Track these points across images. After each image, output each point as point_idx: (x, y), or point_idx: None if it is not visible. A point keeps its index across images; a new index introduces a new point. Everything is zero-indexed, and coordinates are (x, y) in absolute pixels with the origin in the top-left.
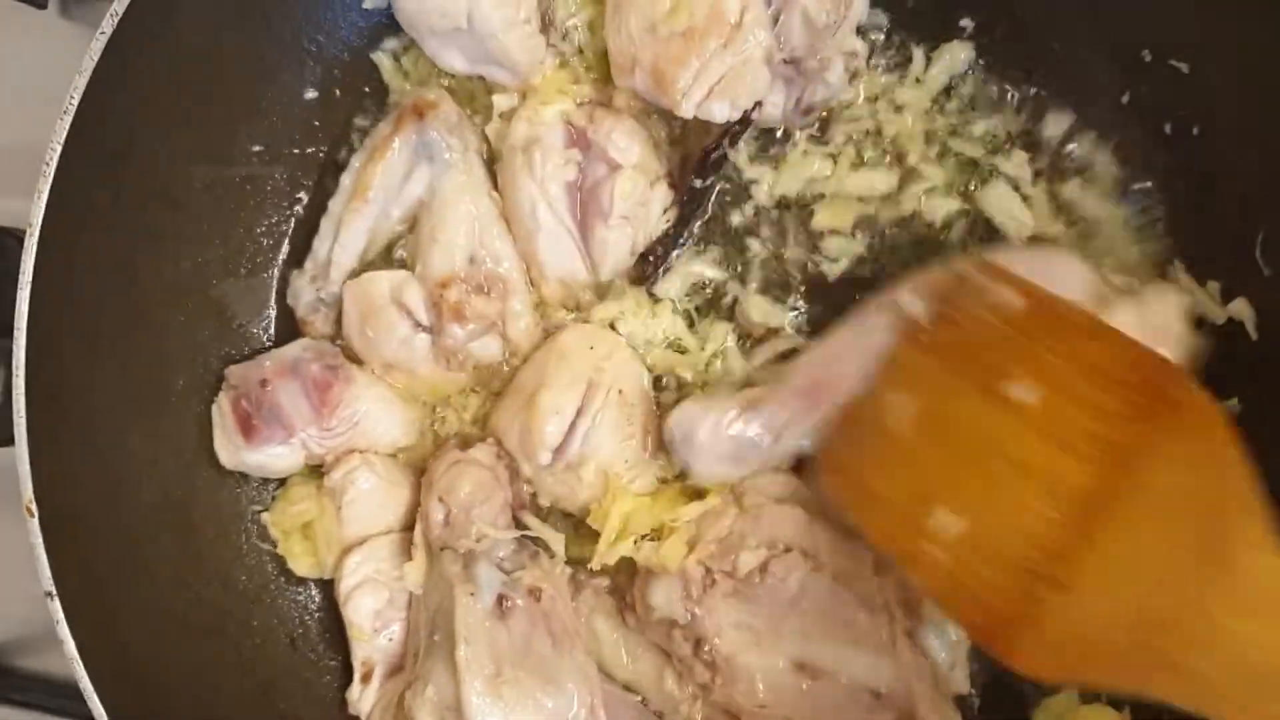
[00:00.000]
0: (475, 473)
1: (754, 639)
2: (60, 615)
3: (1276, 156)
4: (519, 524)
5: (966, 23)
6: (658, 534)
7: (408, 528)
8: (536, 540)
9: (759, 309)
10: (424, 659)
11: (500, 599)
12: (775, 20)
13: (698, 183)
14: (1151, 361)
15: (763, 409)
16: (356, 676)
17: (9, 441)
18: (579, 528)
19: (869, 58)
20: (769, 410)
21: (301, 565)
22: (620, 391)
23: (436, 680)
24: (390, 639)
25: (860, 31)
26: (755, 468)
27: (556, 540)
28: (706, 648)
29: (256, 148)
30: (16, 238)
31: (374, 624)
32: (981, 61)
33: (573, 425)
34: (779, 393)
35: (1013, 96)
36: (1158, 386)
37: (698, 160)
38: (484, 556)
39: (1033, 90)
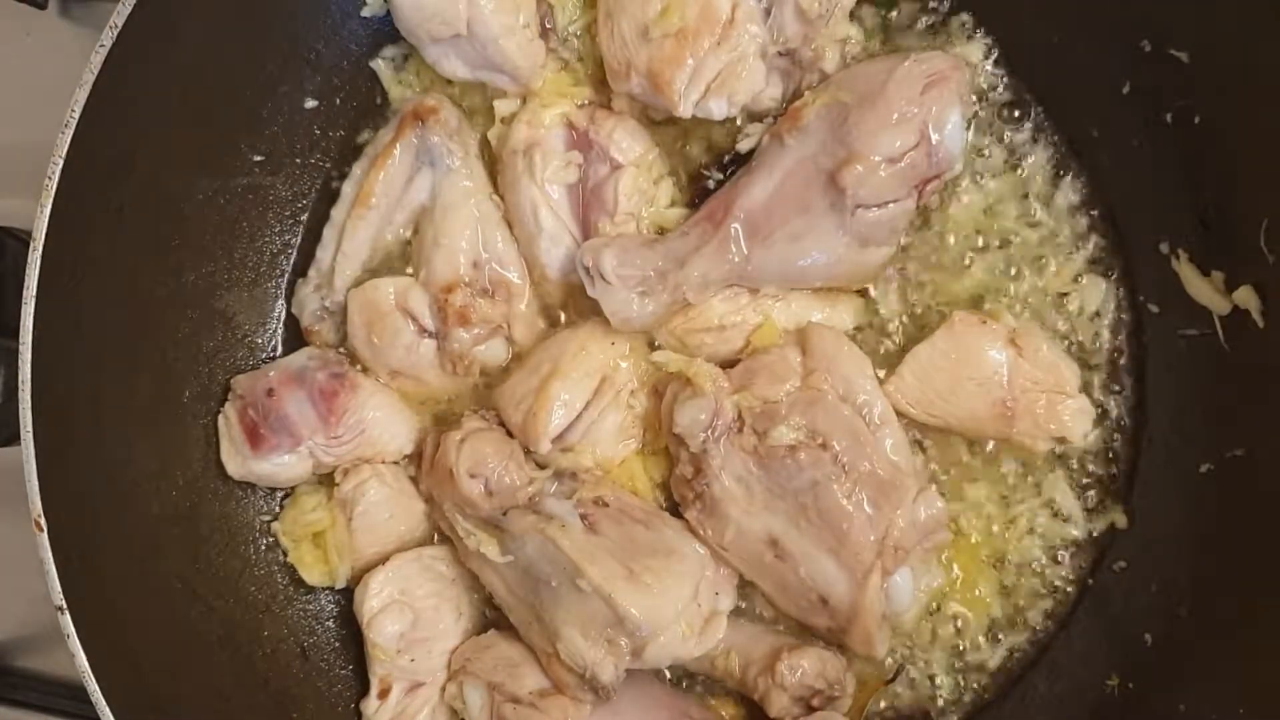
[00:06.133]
0: (489, 436)
1: (746, 498)
2: (71, 629)
3: (1278, 143)
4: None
5: (966, 18)
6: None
7: (420, 538)
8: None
9: None
10: (551, 611)
11: (582, 518)
12: (767, 13)
13: (711, 182)
14: None
15: (667, 238)
16: (374, 692)
17: (10, 441)
18: None
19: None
20: (672, 237)
21: (313, 574)
22: (632, 392)
23: (580, 615)
24: (412, 659)
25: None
26: (668, 302)
27: (585, 456)
28: (704, 480)
29: (258, 158)
30: (16, 237)
31: (397, 645)
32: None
33: (578, 416)
34: (682, 225)
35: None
36: None
37: (716, 159)
38: (545, 496)
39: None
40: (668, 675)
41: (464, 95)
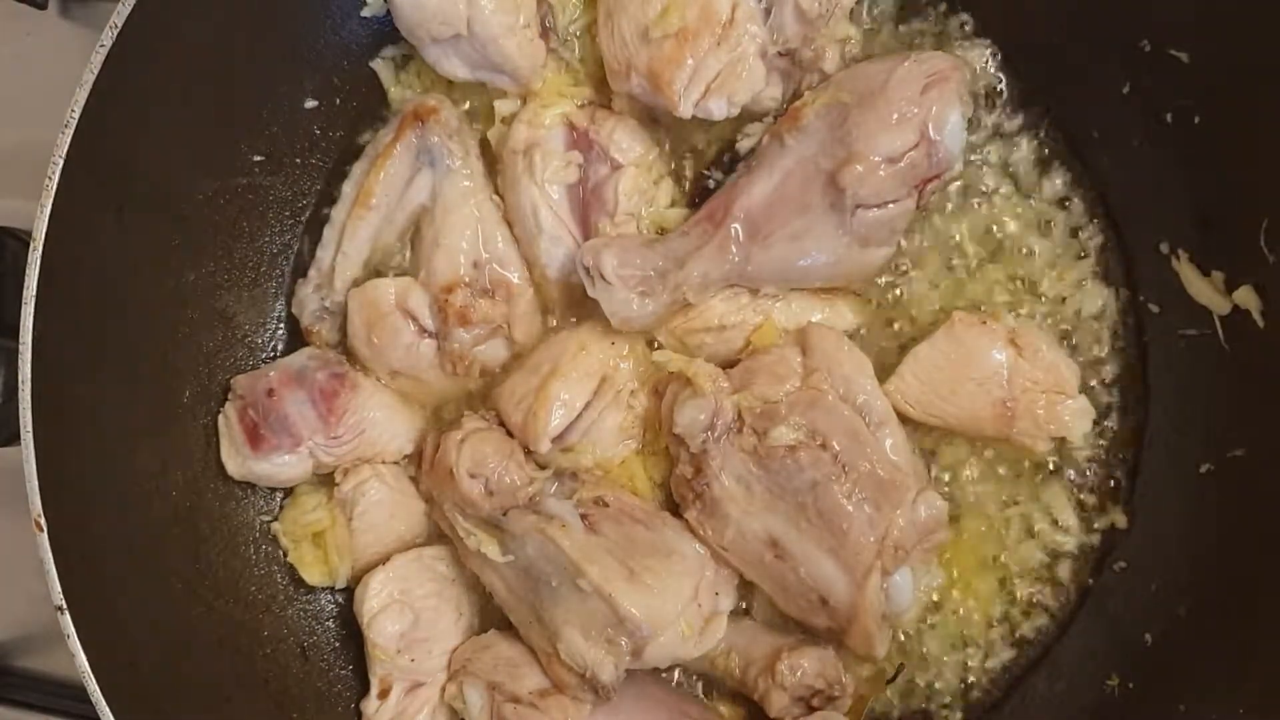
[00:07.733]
0: (490, 436)
1: (746, 498)
2: (71, 629)
3: (1278, 143)
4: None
5: (966, 19)
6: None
7: (420, 538)
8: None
9: None
10: (551, 611)
11: (583, 518)
12: (767, 14)
13: (712, 182)
14: None
15: (667, 238)
16: (374, 692)
17: (10, 441)
18: None
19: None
20: (672, 237)
21: (313, 574)
22: (632, 392)
23: (580, 615)
24: (412, 659)
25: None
26: (668, 302)
27: (585, 456)
28: (704, 481)
29: (258, 158)
30: (16, 237)
31: (397, 645)
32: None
33: (578, 416)
34: (682, 225)
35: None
36: None
37: (715, 159)
38: (545, 496)
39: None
40: (667, 676)
41: (464, 95)
